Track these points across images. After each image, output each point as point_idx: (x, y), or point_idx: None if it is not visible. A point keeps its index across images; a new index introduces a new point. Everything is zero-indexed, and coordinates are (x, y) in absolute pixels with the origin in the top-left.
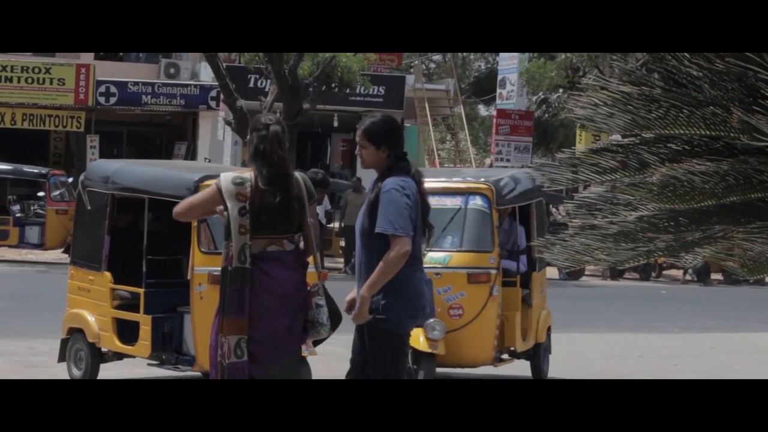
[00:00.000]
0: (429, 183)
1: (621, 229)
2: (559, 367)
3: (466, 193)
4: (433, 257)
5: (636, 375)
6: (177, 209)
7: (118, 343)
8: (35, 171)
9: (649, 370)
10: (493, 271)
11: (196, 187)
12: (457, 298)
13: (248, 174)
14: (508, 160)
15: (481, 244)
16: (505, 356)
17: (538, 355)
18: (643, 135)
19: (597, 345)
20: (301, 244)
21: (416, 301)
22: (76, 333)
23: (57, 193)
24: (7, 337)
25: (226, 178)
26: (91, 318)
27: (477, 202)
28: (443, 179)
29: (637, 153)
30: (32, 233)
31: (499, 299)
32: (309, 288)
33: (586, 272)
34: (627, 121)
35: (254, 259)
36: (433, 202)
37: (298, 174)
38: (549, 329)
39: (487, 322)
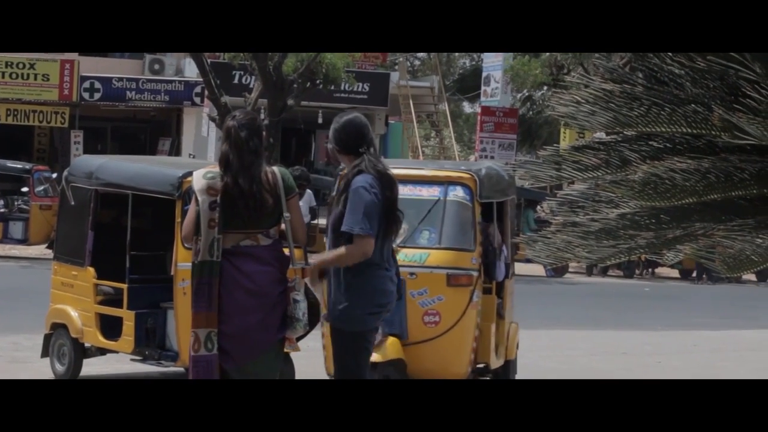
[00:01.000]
0: (404, 170)
1: (602, 226)
2: (543, 364)
3: (446, 182)
4: (407, 255)
5: (619, 372)
6: (182, 236)
7: (101, 338)
8: (19, 166)
9: (633, 368)
10: (475, 274)
11: (180, 183)
12: (433, 303)
13: (218, 168)
14: (492, 158)
15: (463, 241)
16: (479, 372)
17: (507, 373)
18: (625, 133)
19: (581, 342)
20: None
21: (378, 299)
22: (59, 328)
23: (41, 188)
24: None
25: (198, 173)
26: (74, 313)
27: (458, 193)
28: (419, 167)
29: (619, 150)
30: (16, 228)
31: (479, 307)
32: (288, 283)
33: (570, 269)
34: (609, 118)
35: (227, 254)
36: (407, 191)
37: (276, 168)
38: (518, 345)
39: (466, 332)
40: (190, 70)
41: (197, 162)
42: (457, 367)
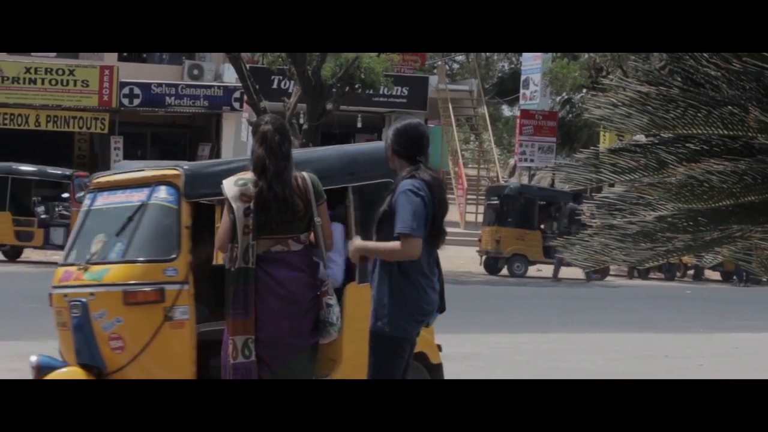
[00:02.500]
0: (115, 176)
1: (640, 229)
2: (583, 367)
3: (153, 183)
4: (91, 273)
5: (661, 375)
6: (217, 245)
7: None
8: (59, 172)
9: (674, 370)
10: (173, 287)
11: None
12: (114, 326)
13: (250, 175)
14: (531, 161)
15: (154, 250)
16: None
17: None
18: (661, 135)
19: (622, 345)
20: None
21: (422, 308)
22: None
23: (81, 194)
24: (32, 338)
25: (229, 181)
26: None
27: (160, 194)
28: (133, 170)
29: (656, 153)
30: (57, 234)
31: (193, 325)
32: (320, 288)
33: (612, 272)
34: (645, 121)
35: (259, 260)
36: (121, 198)
37: (305, 174)
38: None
39: (167, 357)
40: (229, 76)
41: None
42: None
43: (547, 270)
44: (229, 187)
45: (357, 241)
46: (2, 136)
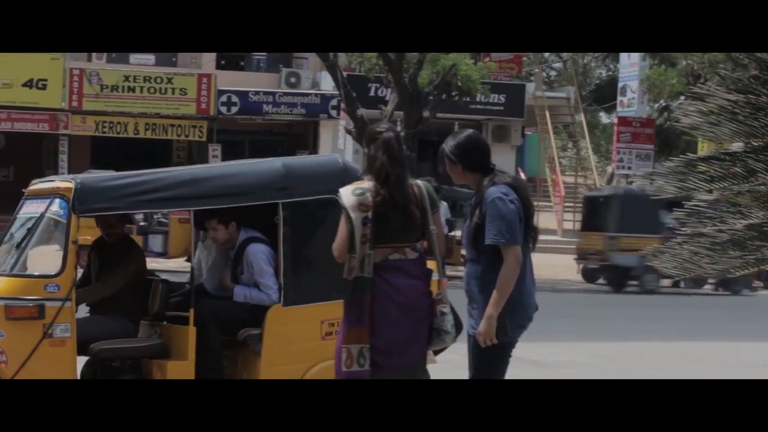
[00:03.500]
0: (33, 186)
1: (729, 237)
2: (685, 374)
3: (51, 196)
4: None
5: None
6: (335, 255)
7: None
8: None
9: None
10: (54, 303)
11: None
12: None
13: (367, 184)
14: (629, 168)
15: (37, 265)
16: None
17: None
18: (751, 143)
19: (724, 354)
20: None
21: (527, 312)
22: None
23: None
24: None
25: (346, 191)
26: None
27: (53, 208)
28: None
29: (744, 161)
30: (156, 242)
31: (71, 343)
32: (434, 296)
33: (710, 281)
34: (732, 129)
35: (377, 269)
36: (28, 209)
37: (420, 182)
38: None
39: (46, 375)
40: (326, 83)
41: None
42: None
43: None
44: (347, 196)
45: (482, 325)
46: (101, 144)
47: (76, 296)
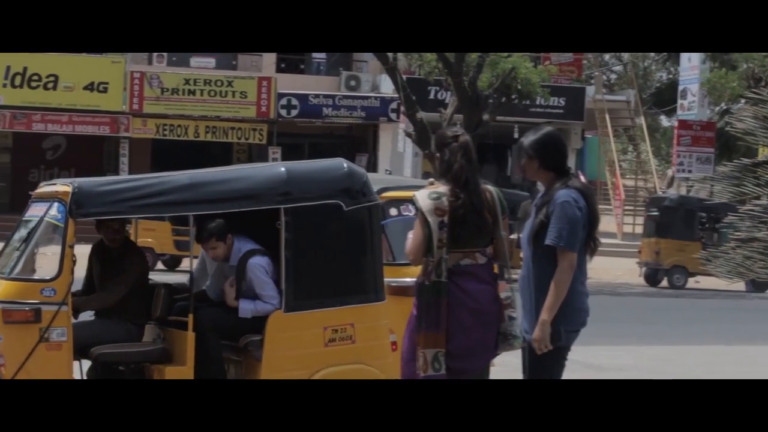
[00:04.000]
0: (41, 189)
1: None
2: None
3: (51, 199)
4: None
5: None
6: (409, 258)
7: None
8: None
9: None
10: (51, 308)
11: None
12: None
13: (443, 188)
14: (689, 171)
15: (34, 269)
16: None
17: None
18: None
19: None
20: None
21: (579, 318)
22: None
23: None
24: None
25: (422, 195)
26: None
27: (52, 212)
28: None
29: None
30: None
31: (67, 348)
32: (502, 300)
33: None
34: None
35: (449, 274)
36: (32, 212)
37: (491, 187)
38: None
39: (40, 377)
40: (386, 87)
41: (393, 178)
42: None
43: (705, 282)
44: (424, 200)
45: (536, 331)
46: (162, 147)
47: (81, 305)
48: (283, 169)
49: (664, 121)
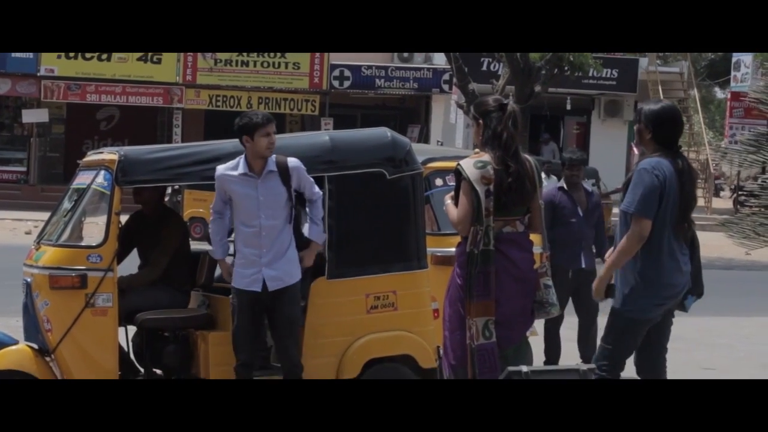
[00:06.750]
0: (89, 157)
1: None
2: None
3: (97, 167)
4: (37, 254)
5: None
6: (457, 228)
7: None
8: None
9: None
10: (96, 273)
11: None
12: (44, 308)
13: (486, 156)
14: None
15: (80, 236)
16: None
17: None
18: None
19: None
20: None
21: (664, 291)
22: None
23: None
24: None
25: (468, 164)
26: None
27: (98, 179)
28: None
29: None
30: None
31: (114, 314)
32: (538, 268)
33: None
34: None
35: (494, 241)
36: (79, 180)
37: (529, 156)
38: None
39: (88, 344)
40: (439, 58)
41: (442, 149)
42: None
43: (756, 254)
44: (470, 169)
45: (595, 282)
46: (215, 118)
47: (127, 282)
48: (327, 137)
49: (718, 93)
